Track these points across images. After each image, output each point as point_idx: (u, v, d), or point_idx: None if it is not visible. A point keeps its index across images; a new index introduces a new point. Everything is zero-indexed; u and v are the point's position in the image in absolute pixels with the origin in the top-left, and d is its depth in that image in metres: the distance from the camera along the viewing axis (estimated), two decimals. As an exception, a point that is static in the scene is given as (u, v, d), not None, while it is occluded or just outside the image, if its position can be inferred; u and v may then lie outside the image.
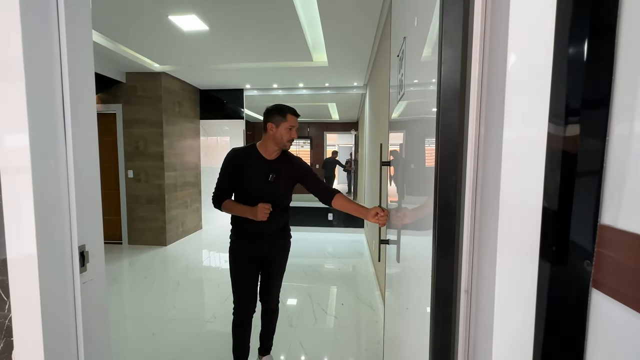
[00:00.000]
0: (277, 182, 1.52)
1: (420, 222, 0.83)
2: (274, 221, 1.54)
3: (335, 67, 3.77)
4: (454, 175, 0.55)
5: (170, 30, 2.78)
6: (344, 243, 4.46)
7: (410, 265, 0.97)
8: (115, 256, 3.82)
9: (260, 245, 1.57)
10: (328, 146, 10.08)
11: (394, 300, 1.29)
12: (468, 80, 0.56)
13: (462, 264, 0.58)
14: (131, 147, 4.18)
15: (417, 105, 0.83)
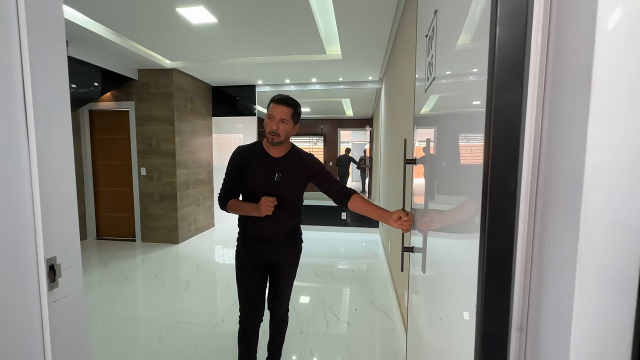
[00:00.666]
0: (284, 182, 1.38)
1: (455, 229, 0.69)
2: (283, 224, 1.43)
3: (349, 60, 3.61)
4: (512, 182, 0.40)
5: (179, 24, 2.70)
6: (357, 243, 4.31)
7: (442, 282, 0.83)
8: (128, 254, 3.82)
9: (268, 250, 1.46)
10: (342, 143, 9.91)
11: (419, 322, 1.14)
12: (527, 50, 0.41)
13: (515, 294, 0.44)
14: (144, 144, 4.17)
15: (455, 91, 0.68)
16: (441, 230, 0.84)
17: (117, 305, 2.50)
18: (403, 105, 2.32)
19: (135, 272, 3.22)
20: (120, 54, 3.45)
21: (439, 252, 0.88)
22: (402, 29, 2.34)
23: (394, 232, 2.78)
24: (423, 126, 1.13)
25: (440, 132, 0.84)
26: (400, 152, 2.42)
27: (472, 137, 0.57)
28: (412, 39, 1.70)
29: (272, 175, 1.37)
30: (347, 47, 3.19)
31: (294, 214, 1.47)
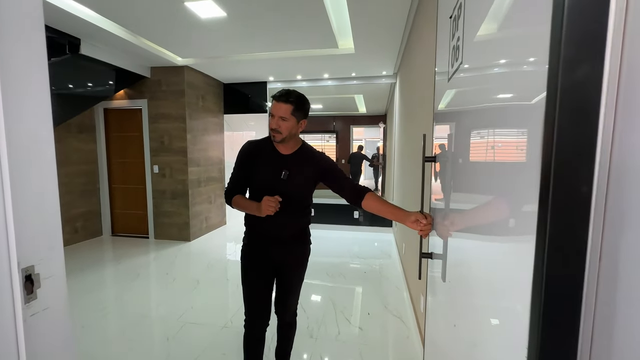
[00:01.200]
0: (291, 180, 1.31)
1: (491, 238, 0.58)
2: (289, 224, 1.36)
3: (362, 54, 3.48)
4: (586, 186, 0.30)
5: (189, 19, 2.65)
6: (370, 243, 4.20)
7: (470, 300, 0.72)
8: (141, 250, 3.85)
9: (275, 251, 1.39)
10: (354, 140, 9.76)
11: (439, 337, 1.04)
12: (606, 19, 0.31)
13: (583, 339, 0.33)
14: (156, 142, 4.19)
15: (494, 78, 0.57)
16: (470, 238, 0.73)
17: (129, 303, 2.50)
18: (420, 100, 2.19)
19: (147, 270, 3.23)
20: (133, 51, 3.45)
21: (467, 264, 0.78)
22: (420, 16, 2.21)
23: (409, 233, 2.66)
24: (445, 121, 1.02)
25: (471, 126, 0.73)
26: (416, 149, 2.29)
27: (519, 131, 0.46)
28: (431, 25, 1.57)
29: (279, 173, 1.31)
30: (360, 40, 3.07)
31: (302, 213, 1.40)
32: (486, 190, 0.61)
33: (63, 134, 3.91)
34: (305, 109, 1.34)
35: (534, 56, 0.40)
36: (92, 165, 4.32)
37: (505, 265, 0.51)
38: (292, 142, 1.35)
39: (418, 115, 2.21)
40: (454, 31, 0.78)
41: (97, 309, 2.38)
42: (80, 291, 2.69)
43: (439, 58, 1.02)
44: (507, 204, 0.50)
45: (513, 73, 0.49)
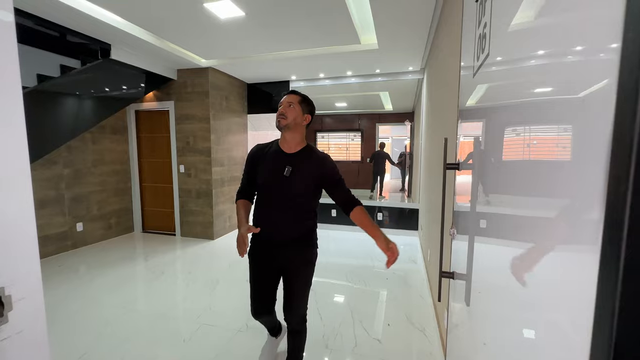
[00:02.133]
0: (294, 177, 1.34)
1: (535, 257, 0.47)
2: (291, 227, 1.37)
3: (386, 50, 3.32)
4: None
5: (209, 21, 2.66)
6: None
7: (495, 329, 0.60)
8: (168, 247, 3.98)
9: (277, 253, 1.40)
10: (380, 138, 9.51)
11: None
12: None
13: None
14: (182, 142, 4.30)
15: (533, 70, 0.45)
16: (502, 253, 0.61)
17: (151, 301, 2.56)
18: (446, 97, 2.02)
19: (171, 267, 3.32)
20: (159, 54, 3.55)
21: (496, 287, 0.65)
22: (449, 5, 2.03)
23: (435, 239, 2.49)
24: (471, 119, 0.88)
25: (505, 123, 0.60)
26: (436, 152, 2.12)
27: (564, 127, 0.35)
28: (459, 12, 1.41)
29: (282, 169, 1.34)
30: (384, 35, 2.91)
31: (305, 216, 1.40)
32: (534, 192, 0.49)
33: (98, 135, 4.13)
34: (311, 105, 1.43)
35: (594, 42, 0.29)
36: (124, 164, 4.53)
37: (553, 288, 0.40)
38: (297, 141, 1.39)
39: (444, 114, 2.04)
40: (480, 17, 0.65)
41: (121, 305, 2.47)
42: (109, 286, 2.82)
43: (465, 51, 0.88)
44: (559, 209, 0.38)
45: (565, 63, 0.37)
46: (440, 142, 2.17)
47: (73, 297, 2.60)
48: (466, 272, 0.96)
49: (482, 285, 0.84)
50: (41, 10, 2.50)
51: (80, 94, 3.21)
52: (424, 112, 3.93)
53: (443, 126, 2.09)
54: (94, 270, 3.22)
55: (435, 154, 2.50)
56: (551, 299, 0.41)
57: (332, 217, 4.87)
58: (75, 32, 2.92)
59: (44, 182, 3.54)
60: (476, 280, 0.90)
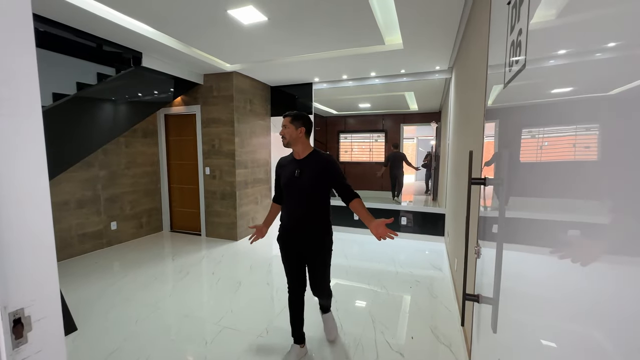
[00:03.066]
0: (303, 176, 1.68)
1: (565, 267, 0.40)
2: (304, 218, 1.70)
3: (412, 49, 3.20)
4: None
5: (232, 26, 2.70)
6: (419, 253, 3.90)
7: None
8: (194, 248, 4.11)
9: (295, 240, 1.76)
10: (405, 139, 9.26)
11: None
12: None
13: None
14: (208, 145, 4.42)
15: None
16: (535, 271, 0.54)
17: (176, 301, 2.65)
18: (475, 101, 1.90)
19: (196, 268, 3.41)
20: (186, 60, 3.67)
21: (529, 311, 0.58)
22: (479, 4, 1.91)
23: (460, 246, 2.36)
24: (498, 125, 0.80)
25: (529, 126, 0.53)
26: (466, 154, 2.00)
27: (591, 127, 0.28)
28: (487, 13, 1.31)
29: (294, 173, 1.70)
30: (409, 34, 2.81)
31: (316, 209, 1.72)
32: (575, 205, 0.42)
33: (130, 139, 4.35)
34: (301, 118, 1.72)
35: None
36: (154, 166, 4.74)
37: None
38: (302, 150, 1.73)
39: (472, 119, 1.92)
40: (513, 22, 0.58)
41: (150, 304, 2.57)
42: (138, 285, 2.94)
43: (493, 55, 0.81)
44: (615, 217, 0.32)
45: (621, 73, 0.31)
46: (468, 147, 2.05)
47: (108, 294, 2.75)
48: (493, 295, 0.88)
49: (512, 311, 0.76)
50: (80, 23, 2.65)
51: (115, 100, 3.38)
52: (452, 112, 3.76)
53: (470, 131, 1.97)
54: (126, 268, 3.38)
55: (462, 159, 2.37)
56: (598, 329, 0.34)
57: (354, 220, 4.80)
58: (110, 42, 3.08)
59: (83, 183, 3.78)
60: (505, 306, 0.82)
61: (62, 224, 3.57)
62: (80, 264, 3.50)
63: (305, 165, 1.69)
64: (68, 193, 3.62)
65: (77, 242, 3.74)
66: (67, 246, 3.63)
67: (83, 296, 2.71)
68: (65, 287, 2.88)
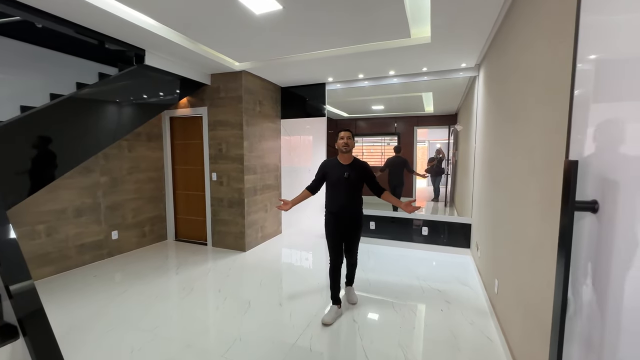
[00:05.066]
0: (351, 177, 2.36)
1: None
2: (350, 205, 2.40)
3: (439, 43, 2.89)
4: None
5: (243, 17, 2.43)
6: (442, 266, 3.55)
7: None
8: (199, 259, 3.83)
9: (341, 221, 2.40)
10: (418, 142, 8.91)
11: None
12: None
13: None
14: (215, 149, 4.16)
15: None
16: None
17: (178, 326, 2.35)
18: (535, 100, 1.58)
19: (201, 283, 3.12)
20: (192, 59, 3.42)
21: None
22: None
23: (506, 264, 2.03)
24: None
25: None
26: (524, 163, 1.68)
27: None
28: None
29: (343, 174, 2.36)
30: (441, 25, 2.50)
31: (357, 199, 2.43)
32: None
33: (134, 143, 4.11)
34: (353, 137, 2.37)
35: None
36: (159, 172, 4.49)
37: None
38: (348, 157, 2.40)
39: (534, 119, 1.60)
40: None
41: (149, 329, 2.28)
42: (138, 304, 2.67)
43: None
44: None
45: None
46: (524, 153, 1.72)
47: (104, 315, 2.47)
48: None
49: None
50: (79, 17, 2.42)
51: (116, 101, 3.14)
52: (480, 114, 3.43)
53: (532, 135, 1.65)
54: (126, 282, 3.12)
55: (511, 168, 2.04)
56: None
57: (371, 229, 4.47)
58: (111, 38, 2.84)
59: (82, 190, 3.54)
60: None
61: (59, 234, 3.33)
62: (78, 277, 3.25)
63: (352, 169, 2.39)
64: (66, 201, 3.38)
65: (76, 253, 3.49)
66: (64, 258, 3.38)
67: (77, 317, 2.44)
68: (58, 305, 2.62)
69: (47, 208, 3.22)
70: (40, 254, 3.17)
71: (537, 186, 1.53)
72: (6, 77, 2.84)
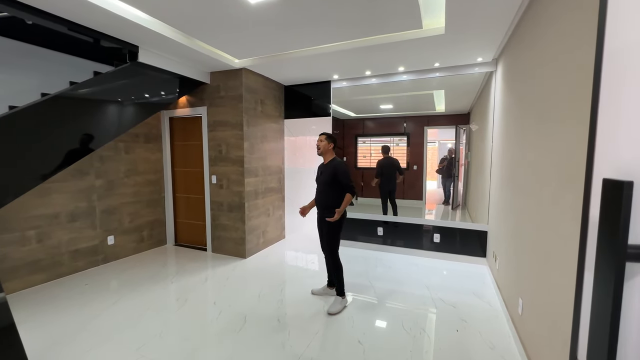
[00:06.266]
0: (323, 175, 2.63)
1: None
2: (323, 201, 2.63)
3: (455, 35, 2.64)
4: None
5: (237, 8, 2.22)
6: (454, 276, 3.27)
7: None
8: (197, 266, 3.64)
9: (320, 214, 2.69)
10: (429, 143, 8.60)
11: None
12: None
13: None
14: (215, 151, 3.98)
15: None
16: None
17: (164, 347, 2.16)
18: (570, 98, 1.32)
19: (196, 294, 2.93)
20: (189, 56, 3.23)
21: None
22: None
23: (532, 283, 1.77)
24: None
25: None
26: (553, 170, 1.41)
27: None
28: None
29: (320, 173, 2.69)
30: (456, 13, 2.25)
31: (329, 196, 2.60)
32: None
33: (131, 144, 3.96)
34: (331, 137, 2.65)
35: None
36: (158, 174, 4.34)
37: None
38: (327, 158, 2.66)
39: (569, 120, 1.34)
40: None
41: (133, 349, 2.09)
42: (127, 318, 2.49)
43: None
44: None
45: None
46: (553, 154, 1.46)
47: (88, 330, 2.30)
48: None
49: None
50: (69, 12, 2.25)
51: (110, 100, 2.98)
52: (498, 113, 3.14)
53: (564, 133, 1.39)
54: (118, 292, 2.95)
55: (528, 168, 1.77)
56: None
57: (379, 235, 4.22)
58: (104, 34, 2.68)
59: (76, 194, 3.39)
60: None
61: (51, 240, 3.19)
62: (69, 285, 3.10)
63: (326, 168, 2.61)
64: (59, 205, 3.24)
65: (69, 260, 3.34)
66: (57, 264, 3.24)
67: (61, 331, 2.27)
68: (39, 318, 2.45)
69: (38, 213, 3.07)
70: (30, 261, 3.03)
71: (573, 199, 1.27)
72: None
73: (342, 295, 2.68)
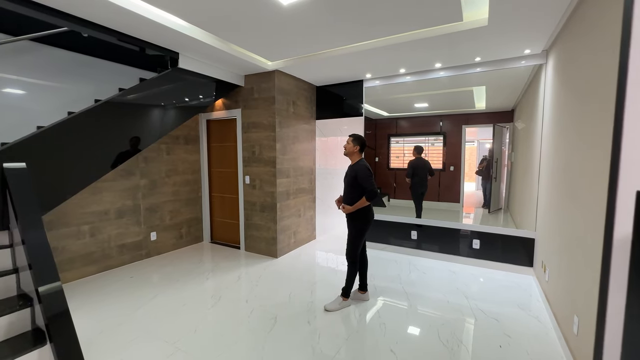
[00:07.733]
0: (347, 176, 2.65)
1: None
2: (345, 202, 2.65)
3: (499, 26, 2.44)
4: None
5: (271, 11, 2.24)
6: (496, 286, 3.04)
7: None
8: (231, 264, 3.75)
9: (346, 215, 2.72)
10: (467, 142, 8.13)
11: None
12: None
13: None
14: (248, 152, 4.07)
15: None
16: None
17: (199, 342, 2.23)
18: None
19: (230, 292, 3.01)
20: (225, 60, 3.34)
21: None
22: None
23: (590, 300, 1.58)
24: None
25: None
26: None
27: None
28: None
29: (345, 174, 2.69)
30: (502, 2, 2.07)
31: (351, 198, 2.58)
32: None
33: (172, 146, 4.18)
34: (358, 139, 2.63)
35: None
36: (195, 174, 4.54)
37: None
38: (352, 159, 2.65)
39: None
40: None
41: (170, 342, 2.19)
42: (165, 313, 2.62)
43: None
44: None
45: None
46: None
47: (131, 322, 2.45)
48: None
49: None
50: (122, 25, 2.43)
51: (154, 104, 3.16)
52: (549, 110, 2.86)
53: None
54: (158, 287, 3.12)
55: (588, 173, 1.57)
56: None
57: (412, 239, 4.06)
58: (149, 43, 2.85)
59: (124, 192, 3.65)
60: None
61: (102, 234, 3.46)
62: (116, 277, 3.34)
63: (350, 170, 2.62)
64: (108, 202, 3.51)
65: (116, 253, 3.61)
66: (106, 257, 3.51)
67: (105, 321, 2.44)
68: (91, 307, 2.66)
69: (91, 209, 3.35)
70: (84, 254, 3.31)
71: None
72: (56, 84, 2.99)
73: (345, 297, 2.68)
